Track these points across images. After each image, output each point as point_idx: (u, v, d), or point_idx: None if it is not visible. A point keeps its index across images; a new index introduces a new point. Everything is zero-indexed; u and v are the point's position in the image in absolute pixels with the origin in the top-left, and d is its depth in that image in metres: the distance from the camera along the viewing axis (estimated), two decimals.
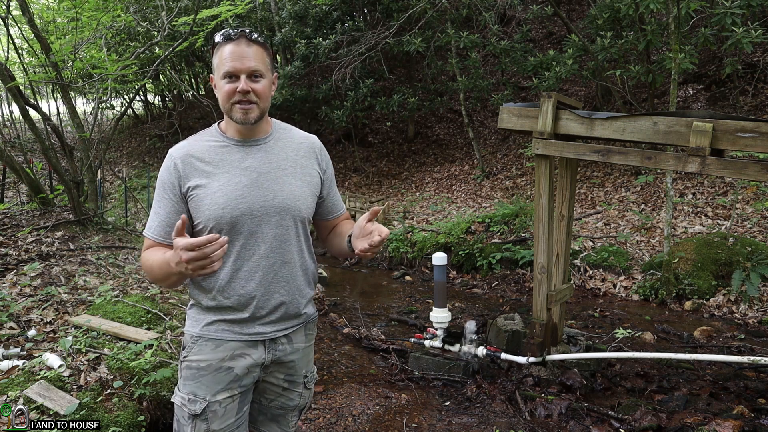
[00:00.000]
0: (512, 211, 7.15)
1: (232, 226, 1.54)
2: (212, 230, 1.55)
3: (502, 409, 3.26)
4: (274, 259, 1.58)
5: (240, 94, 1.52)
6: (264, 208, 1.56)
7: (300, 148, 1.68)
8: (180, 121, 14.55)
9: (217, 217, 1.53)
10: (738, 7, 5.99)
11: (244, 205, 1.54)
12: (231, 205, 1.53)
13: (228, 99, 1.54)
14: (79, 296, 3.97)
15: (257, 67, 1.54)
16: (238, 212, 1.54)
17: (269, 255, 1.58)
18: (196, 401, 1.57)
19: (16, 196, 9.49)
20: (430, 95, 11.71)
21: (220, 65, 1.55)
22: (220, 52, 1.55)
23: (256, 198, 1.56)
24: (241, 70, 1.52)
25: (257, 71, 1.54)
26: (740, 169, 2.57)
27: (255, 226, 1.56)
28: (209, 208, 1.53)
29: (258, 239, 1.56)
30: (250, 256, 1.56)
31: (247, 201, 1.55)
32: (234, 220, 1.54)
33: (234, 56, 1.52)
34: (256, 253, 1.57)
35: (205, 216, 1.54)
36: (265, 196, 1.57)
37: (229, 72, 1.52)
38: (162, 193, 1.58)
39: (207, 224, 1.54)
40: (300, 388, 1.73)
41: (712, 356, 3.20)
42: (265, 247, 1.57)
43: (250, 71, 1.53)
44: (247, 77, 1.52)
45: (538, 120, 3.21)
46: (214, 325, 1.60)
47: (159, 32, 7.61)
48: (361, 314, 5.30)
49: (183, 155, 1.58)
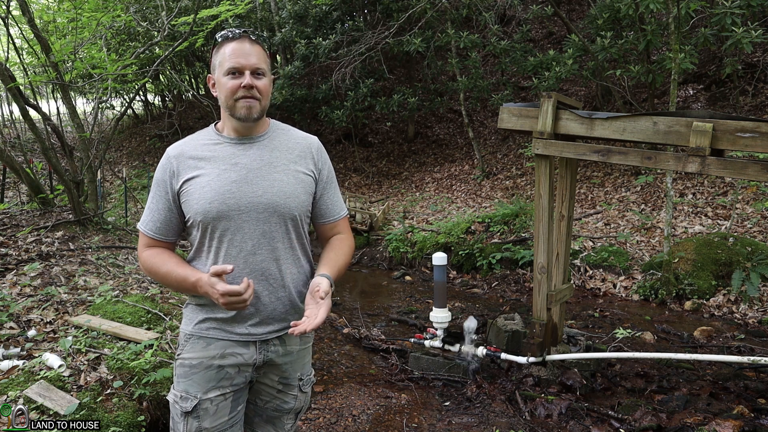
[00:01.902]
0: (512, 211, 7.15)
1: (218, 221, 1.54)
2: (200, 224, 1.56)
3: (502, 409, 3.26)
4: (262, 256, 1.57)
5: (244, 89, 1.53)
6: (251, 204, 1.55)
7: (295, 147, 1.67)
8: (180, 121, 14.55)
9: (204, 212, 1.54)
10: (738, 7, 5.99)
11: (232, 201, 1.54)
12: (218, 199, 1.54)
13: (231, 95, 1.54)
14: (79, 296, 3.97)
15: (260, 64, 1.55)
16: (225, 207, 1.54)
17: (256, 252, 1.57)
18: (188, 398, 1.58)
19: (16, 196, 9.49)
20: (430, 95, 11.70)
21: (222, 62, 1.55)
22: (223, 50, 1.56)
23: (244, 194, 1.55)
24: (246, 66, 1.53)
25: (260, 69, 1.55)
26: (740, 169, 2.57)
27: (242, 222, 1.55)
28: (197, 202, 1.55)
29: (245, 235, 1.56)
30: (237, 253, 1.56)
31: (235, 196, 1.55)
32: (221, 214, 1.54)
33: (238, 53, 1.53)
34: (243, 249, 1.56)
35: (194, 210, 1.55)
36: (253, 192, 1.56)
37: (233, 68, 1.53)
38: (156, 190, 1.62)
39: (195, 218, 1.56)
40: (295, 391, 1.71)
41: (712, 356, 3.20)
42: (253, 243, 1.56)
43: (254, 68, 1.54)
44: (251, 74, 1.53)
45: (538, 120, 3.21)
46: (205, 323, 1.60)
47: (159, 32, 7.61)
48: (361, 314, 5.30)
49: (177, 153, 1.60)
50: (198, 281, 1.50)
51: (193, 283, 1.51)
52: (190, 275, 1.52)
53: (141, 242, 1.66)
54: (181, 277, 1.54)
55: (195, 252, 1.63)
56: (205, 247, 1.59)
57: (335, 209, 1.75)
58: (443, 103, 11.69)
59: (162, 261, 1.58)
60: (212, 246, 1.58)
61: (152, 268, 1.59)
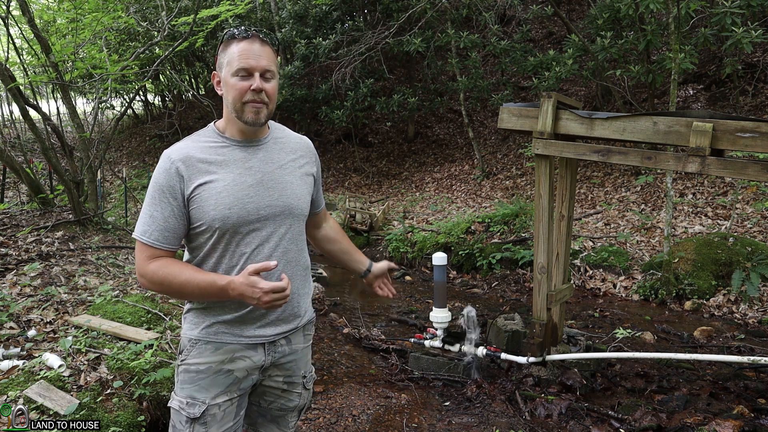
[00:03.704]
0: (512, 211, 7.15)
1: (238, 227, 1.52)
2: (217, 231, 1.52)
3: (502, 409, 3.26)
4: (277, 258, 1.57)
5: (253, 92, 1.49)
6: (270, 207, 1.56)
7: (297, 149, 1.69)
8: (180, 121, 14.55)
9: (224, 218, 1.50)
10: (738, 7, 5.99)
11: (251, 205, 1.53)
12: (238, 205, 1.51)
13: (240, 98, 1.50)
14: (79, 296, 3.97)
15: (270, 67, 1.51)
16: (245, 212, 1.52)
17: (273, 254, 1.57)
18: (195, 404, 1.54)
19: (16, 196, 9.49)
20: (430, 95, 11.70)
21: (231, 62, 1.50)
22: (231, 49, 1.51)
23: (262, 198, 1.55)
24: (256, 68, 1.49)
25: (270, 71, 1.52)
26: (740, 169, 2.57)
27: (261, 226, 1.55)
28: (215, 208, 1.50)
29: (263, 239, 1.56)
30: (255, 256, 1.54)
31: (254, 201, 1.53)
32: (240, 220, 1.52)
33: (248, 54, 1.49)
34: (261, 253, 1.55)
35: (210, 216, 1.50)
36: (270, 195, 1.56)
37: (243, 68, 1.48)
38: (160, 197, 1.51)
39: (212, 225, 1.51)
40: (299, 388, 1.72)
41: (712, 356, 3.20)
42: (270, 246, 1.57)
43: (264, 70, 1.50)
44: (260, 76, 1.50)
45: (538, 120, 3.21)
46: (213, 327, 1.57)
47: (159, 32, 7.61)
48: (361, 314, 5.30)
49: (183, 157, 1.51)
50: (230, 283, 1.44)
51: (223, 287, 1.45)
52: (217, 279, 1.47)
53: (143, 254, 1.52)
54: (206, 282, 1.47)
55: (202, 258, 1.57)
56: (217, 253, 1.54)
57: (320, 200, 1.85)
58: (443, 103, 11.69)
59: (178, 270, 1.49)
60: (227, 251, 1.54)
61: (165, 280, 1.49)
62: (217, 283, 1.46)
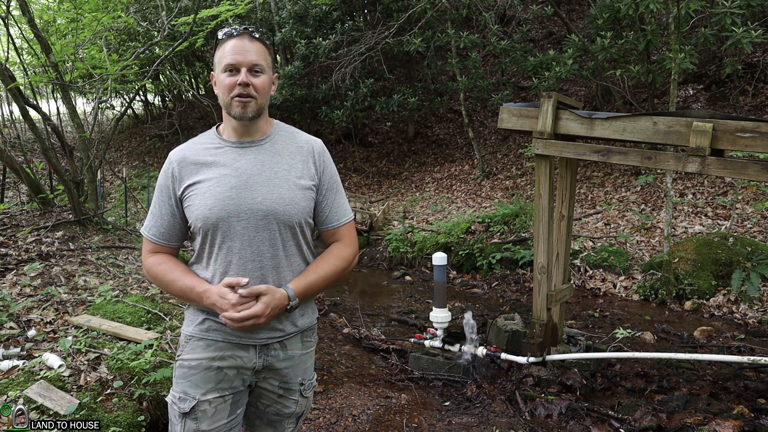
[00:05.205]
0: (512, 211, 7.15)
1: (218, 227, 1.53)
2: (200, 230, 1.56)
3: (502, 409, 3.26)
4: (261, 263, 1.55)
5: (240, 87, 1.51)
6: (251, 210, 1.53)
7: (298, 151, 1.64)
8: (180, 121, 14.54)
9: (204, 218, 1.53)
10: (738, 7, 5.99)
11: (231, 207, 1.53)
12: (218, 206, 1.52)
13: (228, 92, 1.53)
14: (79, 296, 3.97)
15: (258, 61, 1.53)
16: (224, 213, 1.52)
17: (255, 258, 1.55)
18: (186, 399, 1.56)
19: (16, 196, 9.49)
20: (430, 95, 11.70)
21: (221, 59, 1.54)
22: (222, 48, 1.55)
23: (243, 200, 1.53)
24: (242, 63, 1.52)
25: (258, 65, 1.53)
26: (740, 169, 2.57)
27: (242, 229, 1.53)
28: (198, 208, 1.54)
29: (245, 242, 1.54)
30: (237, 260, 1.54)
31: (234, 202, 1.53)
32: (220, 221, 1.53)
33: (236, 50, 1.52)
34: (243, 256, 1.54)
35: (194, 216, 1.55)
36: (252, 198, 1.54)
37: (230, 65, 1.52)
38: (160, 196, 1.62)
39: (196, 224, 1.56)
40: (296, 395, 1.68)
41: (712, 356, 3.20)
42: (252, 250, 1.54)
43: (251, 65, 1.52)
44: (247, 71, 1.52)
45: (538, 120, 3.21)
46: (205, 324, 1.60)
47: (159, 32, 7.61)
48: (361, 314, 5.30)
49: (180, 159, 1.59)
50: (205, 292, 1.51)
51: (200, 293, 1.52)
52: (196, 285, 1.54)
53: (145, 248, 1.66)
54: (187, 287, 1.55)
55: (196, 257, 1.63)
56: (205, 253, 1.60)
57: (335, 215, 1.68)
58: (443, 103, 11.69)
59: (168, 269, 1.59)
60: (213, 252, 1.57)
61: (158, 276, 1.60)
62: (195, 288, 1.54)
